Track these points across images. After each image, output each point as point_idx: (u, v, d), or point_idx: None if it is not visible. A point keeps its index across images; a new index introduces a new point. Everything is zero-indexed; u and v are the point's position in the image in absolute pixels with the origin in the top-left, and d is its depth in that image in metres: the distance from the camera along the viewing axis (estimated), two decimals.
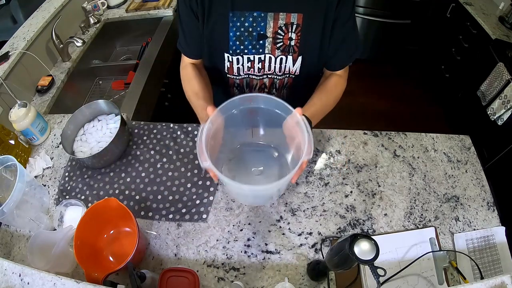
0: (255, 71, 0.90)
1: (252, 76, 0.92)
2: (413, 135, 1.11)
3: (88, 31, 1.72)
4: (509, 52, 1.76)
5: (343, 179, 1.00)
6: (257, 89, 0.97)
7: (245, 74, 0.91)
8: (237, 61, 0.87)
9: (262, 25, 0.80)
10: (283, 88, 0.97)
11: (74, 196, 0.99)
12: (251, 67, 0.88)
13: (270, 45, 0.83)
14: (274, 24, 0.80)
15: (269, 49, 0.84)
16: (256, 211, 0.93)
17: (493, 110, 1.80)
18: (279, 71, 0.90)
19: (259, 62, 0.87)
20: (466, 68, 2.19)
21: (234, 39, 0.83)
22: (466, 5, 2.10)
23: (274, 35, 0.82)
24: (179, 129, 1.12)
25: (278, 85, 0.95)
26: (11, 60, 1.28)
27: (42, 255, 0.79)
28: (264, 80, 0.93)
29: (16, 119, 1.05)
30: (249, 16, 0.79)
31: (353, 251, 0.54)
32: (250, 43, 0.83)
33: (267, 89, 0.97)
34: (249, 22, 0.80)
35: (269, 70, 0.90)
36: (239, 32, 0.81)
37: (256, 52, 0.85)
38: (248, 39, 0.82)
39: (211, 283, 0.82)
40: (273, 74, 0.91)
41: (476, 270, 0.83)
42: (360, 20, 2.61)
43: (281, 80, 0.93)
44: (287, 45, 0.84)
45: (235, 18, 0.79)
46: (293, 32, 0.81)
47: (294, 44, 0.83)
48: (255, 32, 0.81)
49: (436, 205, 0.95)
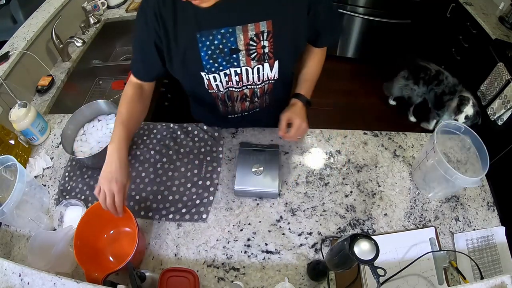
0: (233, 84, 0.89)
1: (232, 89, 0.91)
2: (413, 135, 1.11)
3: (88, 31, 1.72)
4: (509, 52, 1.76)
5: (343, 179, 1.00)
6: (239, 101, 0.97)
7: (224, 88, 0.90)
8: (214, 79, 0.86)
9: (232, 40, 0.78)
10: (264, 95, 0.97)
11: (74, 196, 0.99)
12: (229, 81, 0.88)
13: (244, 57, 0.82)
14: (244, 36, 0.78)
15: (244, 61, 0.83)
16: (256, 211, 0.93)
17: (493, 110, 1.80)
18: (258, 80, 0.89)
19: (235, 75, 0.86)
20: (466, 68, 2.19)
21: (207, 58, 0.81)
22: (466, 5, 2.10)
23: (247, 47, 0.80)
24: (179, 129, 1.12)
25: (259, 93, 0.95)
26: (11, 60, 1.28)
27: (42, 255, 0.79)
28: (245, 90, 0.93)
29: (16, 119, 1.05)
30: (217, 33, 0.77)
31: (353, 251, 0.54)
32: (223, 60, 0.82)
33: (249, 99, 0.97)
34: (218, 39, 0.78)
35: (248, 81, 0.89)
36: (210, 51, 0.80)
37: (231, 66, 0.84)
38: (221, 56, 0.81)
39: (211, 283, 0.82)
40: (253, 84, 0.90)
41: (476, 270, 0.83)
42: (360, 20, 2.61)
43: (261, 88, 0.93)
44: (261, 54, 0.82)
45: (204, 38, 0.78)
46: (265, 40, 0.80)
47: (268, 51, 0.82)
48: (226, 48, 0.80)
49: (436, 205, 0.95)
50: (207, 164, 1.03)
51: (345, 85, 2.78)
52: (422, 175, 0.95)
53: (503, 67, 1.74)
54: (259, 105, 1.01)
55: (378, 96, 2.70)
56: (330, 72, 2.91)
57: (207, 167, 1.02)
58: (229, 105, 0.98)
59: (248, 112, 1.03)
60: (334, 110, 2.58)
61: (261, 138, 1.10)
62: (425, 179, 0.95)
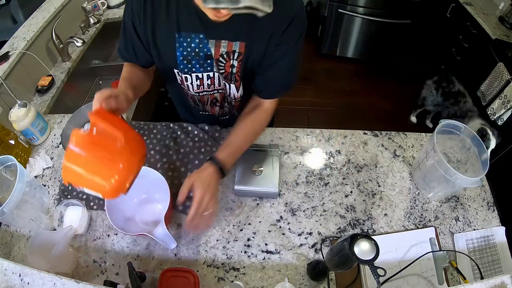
0: (205, 88, 0.89)
1: (203, 92, 0.91)
2: (413, 135, 1.11)
3: (88, 31, 1.72)
4: (509, 52, 1.76)
5: (343, 179, 1.00)
6: (209, 104, 0.97)
7: (195, 92, 0.90)
8: (186, 79, 0.86)
9: (208, 47, 0.78)
10: (233, 105, 0.98)
11: (76, 196, 0.99)
12: (201, 85, 0.88)
13: (217, 65, 0.82)
14: (215, 51, 0.78)
15: (216, 68, 0.83)
16: (256, 211, 0.93)
17: (493, 110, 1.80)
18: (226, 92, 0.90)
19: (208, 78, 0.86)
20: (466, 68, 2.19)
21: (182, 59, 0.81)
22: (466, 5, 2.11)
23: (217, 61, 0.80)
24: (179, 129, 1.12)
25: (229, 99, 0.95)
26: (11, 60, 1.28)
27: (42, 255, 0.79)
28: (215, 94, 0.93)
29: (16, 119, 1.05)
30: (195, 37, 0.77)
31: (353, 251, 0.54)
32: (197, 63, 0.82)
33: (219, 103, 0.97)
34: (195, 43, 0.78)
35: (219, 86, 0.89)
36: (186, 52, 0.80)
37: (204, 70, 0.83)
38: (196, 58, 0.81)
39: (211, 283, 0.82)
40: (223, 89, 0.91)
41: (476, 270, 0.83)
42: (360, 20, 2.61)
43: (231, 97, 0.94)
44: (229, 73, 0.82)
45: (182, 38, 0.77)
46: (234, 59, 0.79)
47: (235, 72, 0.82)
48: (202, 53, 0.79)
49: (436, 205, 0.95)
50: None
51: (345, 85, 2.79)
52: (422, 175, 0.95)
53: (503, 67, 1.75)
54: (228, 111, 1.02)
55: (378, 96, 2.71)
56: (330, 72, 2.94)
57: None
58: (200, 105, 0.99)
59: (219, 118, 1.04)
60: (334, 110, 2.58)
61: (261, 138, 1.10)
62: (425, 179, 0.95)
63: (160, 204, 0.91)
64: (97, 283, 0.75)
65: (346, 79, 2.86)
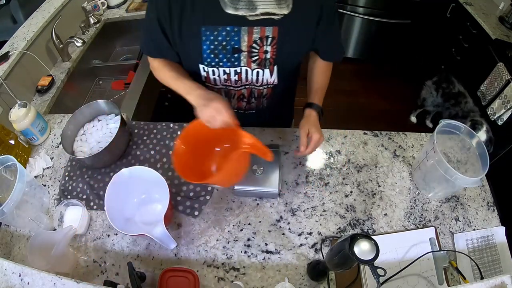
0: (232, 83, 0.89)
1: (230, 87, 0.91)
2: (413, 135, 1.11)
3: (88, 31, 1.72)
4: (509, 52, 1.76)
5: (343, 179, 1.00)
6: (236, 99, 0.97)
7: (222, 85, 0.90)
8: (213, 73, 0.86)
9: (236, 39, 0.78)
10: (262, 98, 0.97)
11: (76, 196, 0.99)
12: (228, 79, 0.88)
13: (245, 58, 0.82)
14: (248, 38, 0.78)
15: (244, 62, 0.83)
16: (256, 211, 0.93)
17: (493, 110, 1.80)
18: (257, 82, 0.90)
19: (235, 74, 0.86)
20: (466, 68, 2.19)
21: (209, 52, 0.81)
22: (466, 5, 2.10)
23: (249, 49, 0.80)
24: (179, 129, 1.12)
25: (257, 94, 0.95)
26: (11, 60, 1.28)
27: (42, 255, 0.79)
28: (242, 90, 0.93)
29: (16, 119, 1.05)
30: (222, 30, 0.77)
31: (353, 251, 0.54)
32: (224, 57, 0.82)
33: (246, 99, 0.97)
34: (222, 36, 0.78)
35: (247, 81, 0.89)
36: (213, 46, 0.80)
37: (232, 65, 0.84)
38: (223, 52, 0.81)
39: (211, 283, 0.82)
40: (251, 85, 0.91)
41: (476, 270, 0.83)
42: (360, 20, 2.61)
43: (259, 90, 0.93)
44: (262, 59, 0.82)
45: (208, 32, 0.77)
46: (268, 45, 0.80)
47: (270, 57, 0.82)
48: (229, 46, 0.80)
49: (436, 205, 0.95)
50: None
51: (345, 85, 2.78)
52: (422, 175, 0.95)
53: (503, 67, 1.74)
54: (255, 106, 1.01)
55: (378, 96, 2.71)
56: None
57: None
58: (225, 100, 0.98)
59: (244, 112, 1.03)
60: (334, 110, 2.58)
61: (261, 138, 1.10)
62: (425, 179, 0.95)
63: (160, 204, 0.91)
64: (97, 283, 0.75)
65: (346, 79, 2.86)
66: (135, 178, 0.87)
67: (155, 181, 0.85)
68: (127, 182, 0.86)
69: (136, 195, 0.93)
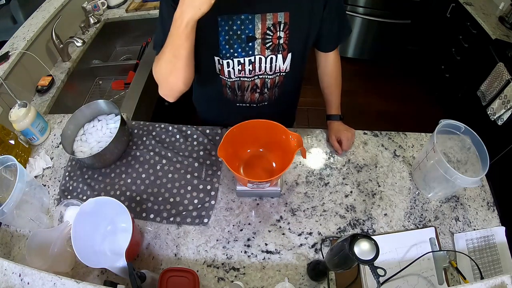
0: (246, 73, 0.90)
1: (243, 78, 0.92)
2: (413, 135, 1.11)
3: (88, 31, 1.72)
4: (509, 52, 1.76)
5: (343, 179, 1.00)
6: (249, 90, 0.97)
7: (236, 77, 0.91)
8: (228, 65, 0.87)
9: (250, 27, 0.80)
10: (274, 87, 0.98)
11: (76, 196, 0.99)
12: (242, 70, 0.89)
13: (259, 46, 0.84)
14: (262, 25, 0.80)
15: (258, 50, 0.85)
16: (256, 211, 0.93)
17: (493, 110, 1.80)
18: (270, 71, 0.91)
19: (249, 64, 0.88)
20: (466, 68, 2.19)
21: (224, 43, 0.82)
22: (466, 5, 2.10)
23: (263, 36, 0.82)
24: (178, 133, 1.12)
25: (270, 84, 0.96)
26: (11, 60, 1.28)
27: (40, 254, 0.79)
28: (256, 81, 0.94)
29: (16, 119, 1.05)
30: (236, 19, 0.79)
31: (353, 251, 0.54)
32: (239, 46, 0.83)
33: (259, 89, 0.97)
34: (237, 25, 0.80)
35: (260, 70, 0.90)
36: (228, 36, 0.81)
37: (246, 55, 0.85)
38: (237, 42, 0.82)
39: (211, 283, 0.82)
40: (264, 74, 0.92)
41: (476, 270, 0.83)
42: (360, 20, 2.61)
43: (272, 79, 0.94)
44: (276, 44, 0.85)
45: (223, 22, 0.79)
46: (281, 30, 0.82)
47: (283, 42, 0.85)
48: (244, 35, 0.81)
49: (436, 205, 0.95)
50: (206, 168, 1.02)
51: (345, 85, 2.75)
52: (422, 175, 0.95)
53: (503, 67, 1.74)
54: (268, 97, 1.01)
55: (378, 96, 2.71)
56: None
57: (207, 170, 1.02)
58: (239, 94, 0.99)
59: (257, 104, 1.03)
60: None
61: None
62: (425, 179, 0.95)
63: (128, 233, 0.80)
64: (97, 283, 0.75)
65: (346, 79, 2.82)
66: (101, 208, 0.82)
67: (118, 211, 0.80)
68: (94, 212, 0.81)
69: (102, 227, 0.87)
